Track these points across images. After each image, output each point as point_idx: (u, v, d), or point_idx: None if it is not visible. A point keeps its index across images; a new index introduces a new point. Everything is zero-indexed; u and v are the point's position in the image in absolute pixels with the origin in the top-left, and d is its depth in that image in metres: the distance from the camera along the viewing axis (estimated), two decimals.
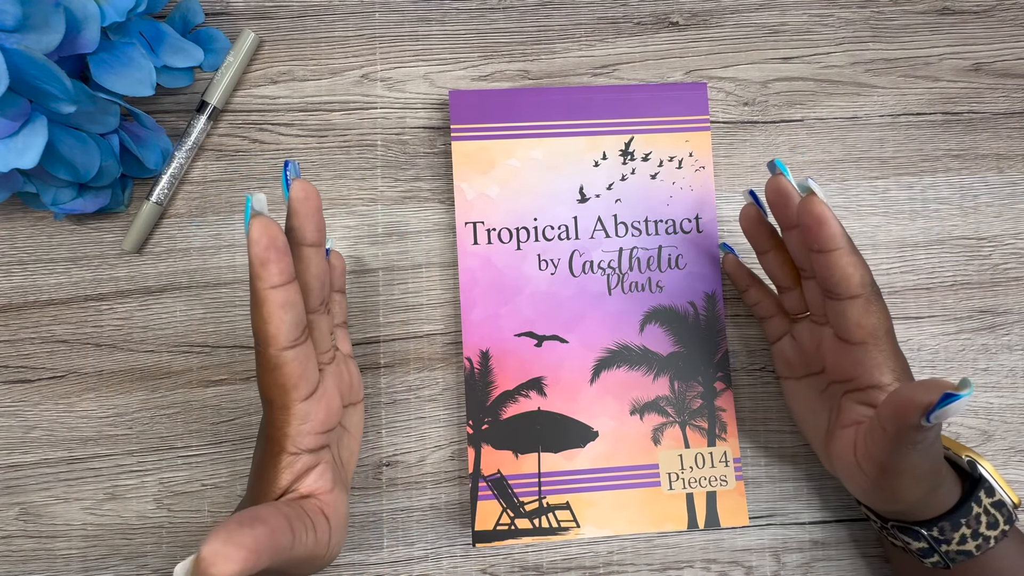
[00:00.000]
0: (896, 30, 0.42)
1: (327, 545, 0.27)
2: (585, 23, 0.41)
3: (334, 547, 0.28)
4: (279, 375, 0.26)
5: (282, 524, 0.24)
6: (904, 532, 0.32)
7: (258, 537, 0.21)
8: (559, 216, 0.38)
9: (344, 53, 0.40)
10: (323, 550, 0.27)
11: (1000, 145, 0.41)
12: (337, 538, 0.28)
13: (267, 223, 0.24)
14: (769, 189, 0.31)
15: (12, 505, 0.37)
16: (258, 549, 0.21)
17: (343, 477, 0.31)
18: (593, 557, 0.38)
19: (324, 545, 0.27)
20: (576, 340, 0.37)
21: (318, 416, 0.27)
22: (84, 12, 0.31)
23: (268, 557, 0.22)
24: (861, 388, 0.30)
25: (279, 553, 0.23)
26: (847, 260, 0.29)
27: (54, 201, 0.35)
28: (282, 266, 0.24)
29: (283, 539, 0.23)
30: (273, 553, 0.22)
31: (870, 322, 0.29)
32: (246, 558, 0.21)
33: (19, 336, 0.38)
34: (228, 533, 0.21)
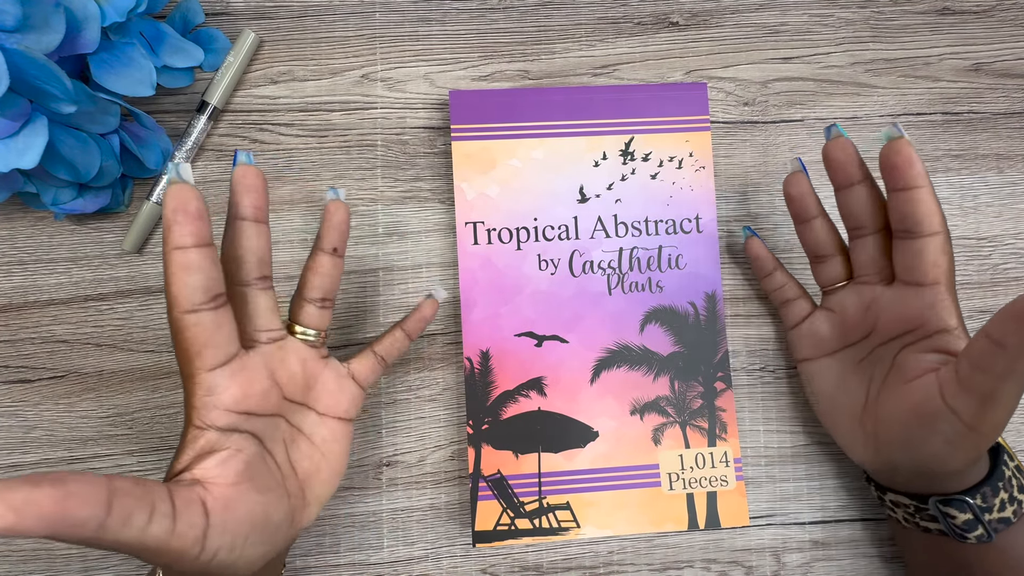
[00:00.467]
0: (896, 30, 0.42)
1: (198, 543, 0.23)
2: (585, 23, 0.41)
3: (220, 551, 0.24)
4: (181, 339, 0.25)
5: (90, 496, 0.20)
6: (948, 505, 0.31)
7: (35, 500, 0.19)
8: (559, 216, 0.38)
9: (344, 53, 0.40)
10: (189, 546, 0.23)
11: (1000, 145, 0.41)
12: (223, 541, 0.24)
13: (181, 188, 0.24)
14: (836, 148, 0.32)
15: None
16: (28, 512, 0.19)
17: (284, 484, 0.28)
18: (593, 557, 0.38)
19: (191, 542, 0.23)
20: (576, 340, 0.37)
21: (230, 391, 0.26)
22: (84, 12, 0.31)
23: (44, 525, 0.19)
24: (928, 335, 0.30)
25: (70, 525, 0.20)
26: (932, 197, 0.30)
27: (54, 201, 0.35)
28: (190, 229, 0.24)
29: (80, 511, 0.20)
30: (55, 523, 0.19)
31: (946, 261, 0.30)
32: (3, 515, 0.19)
33: (19, 336, 0.38)
34: (5, 487, 0.19)
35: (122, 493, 0.21)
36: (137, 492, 0.22)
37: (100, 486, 0.21)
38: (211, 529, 0.24)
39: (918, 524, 0.34)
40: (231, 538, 0.25)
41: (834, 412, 0.34)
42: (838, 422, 0.34)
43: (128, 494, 0.22)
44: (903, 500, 0.34)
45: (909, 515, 0.34)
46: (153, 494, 0.23)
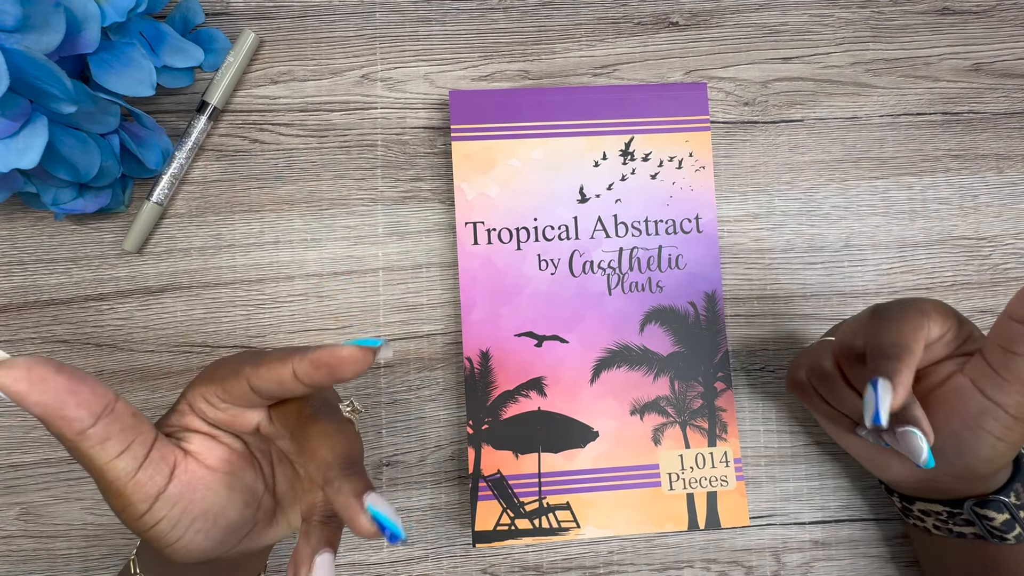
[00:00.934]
0: (896, 30, 0.42)
1: (148, 501, 0.23)
2: (585, 23, 0.41)
3: (163, 522, 0.24)
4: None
5: (90, 402, 0.22)
6: (985, 507, 0.31)
7: (51, 383, 0.21)
8: (559, 216, 0.38)
9: (344, 53, 0.40)
10: (138, 500, 0.23)
11: (1000, 145, 0.41)
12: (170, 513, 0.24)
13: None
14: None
15: (12, 505, 0.37)
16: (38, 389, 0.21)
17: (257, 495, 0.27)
18: (593, 557, 0.38)
19: (142, 497, 0.23)
20: (576, 340, 0.37)
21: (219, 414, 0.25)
22: (84, 12, 0.31)
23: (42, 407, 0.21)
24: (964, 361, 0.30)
25: (59, 417, 0.21)
26: None
27: (54, 201, 0.35)
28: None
29: (74, 411, 0.21)
30: (51, 409, 0.21)
31: None
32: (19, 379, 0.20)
33: (19, 336, 0.38)
34: (36, 361, 0.21)
35: (114, 417, 0.23)
36: (126, 422, 0.23)
37: (103, 398, 0.22)
38: (165, 494, 0.24)
39: (951, 530, 0.33)
40: (178, 514, 0.24)
41: (869, 452, 0.33)
42: (873, 452, 0.33)
43: (118, 420, 0.23)
44: (934, 508, 0.33)
45: (941, 522, 0.33)
46: (138, 432, 0.23)
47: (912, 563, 0.39)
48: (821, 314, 0.40)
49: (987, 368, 0.27)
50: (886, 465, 0.32)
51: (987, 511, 0.31)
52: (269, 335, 0.38)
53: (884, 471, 0.33)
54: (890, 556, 0.39)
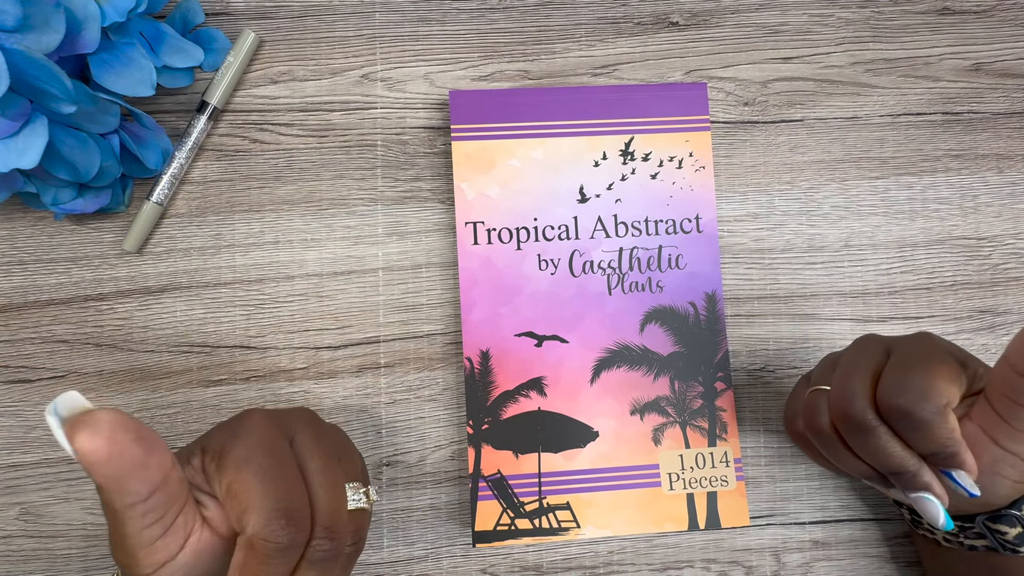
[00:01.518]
0: (896, 30, 0.42)
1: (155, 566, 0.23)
2: (585, 23, 0.41)
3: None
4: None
5: (152, 477, 0.21)
6: (997, 522, 0.30)
7: (128, 454, 0.20)
8: (559, 216, 0.38)
9: (344, 53, 0.40)
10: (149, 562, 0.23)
11: (1000, 145, 0.41)
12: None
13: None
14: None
15: (12, 505, 0.37)
16: (115, 461, 0.19)
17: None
18: (593, 557, 0.38)
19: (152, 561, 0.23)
20: (576, 340, 0.37)
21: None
22: (84, 12, 0.31)
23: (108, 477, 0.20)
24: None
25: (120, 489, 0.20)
26: None
27: (54, 201, 0.35)
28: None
29: (137, 485, 0.20)
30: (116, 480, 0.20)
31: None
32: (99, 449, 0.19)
33: (19, 336, 0.38)
34: (119, 425, 0.19)
35: (167, 486, 0.22)
36: (173, 491, 0.22)
37: (165, 468, 0.21)
38: (173, 563, 0.24)
39: (962, 543, 0.32)
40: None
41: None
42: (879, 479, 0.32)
43: (168, 490, 0.22)
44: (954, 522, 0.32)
45: (952, 535, 0.33)
46: (176, 501, 0.23)
47: (912, 563, 0.39)
48: (821, 314, 0.40)
49: (996, 417, 0.27)
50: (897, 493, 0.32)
51: (1000, 526, 0.30)
52: (269, 335, 0.38)
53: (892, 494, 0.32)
54: (890, 556, 0.39)
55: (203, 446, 0.25)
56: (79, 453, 0.19)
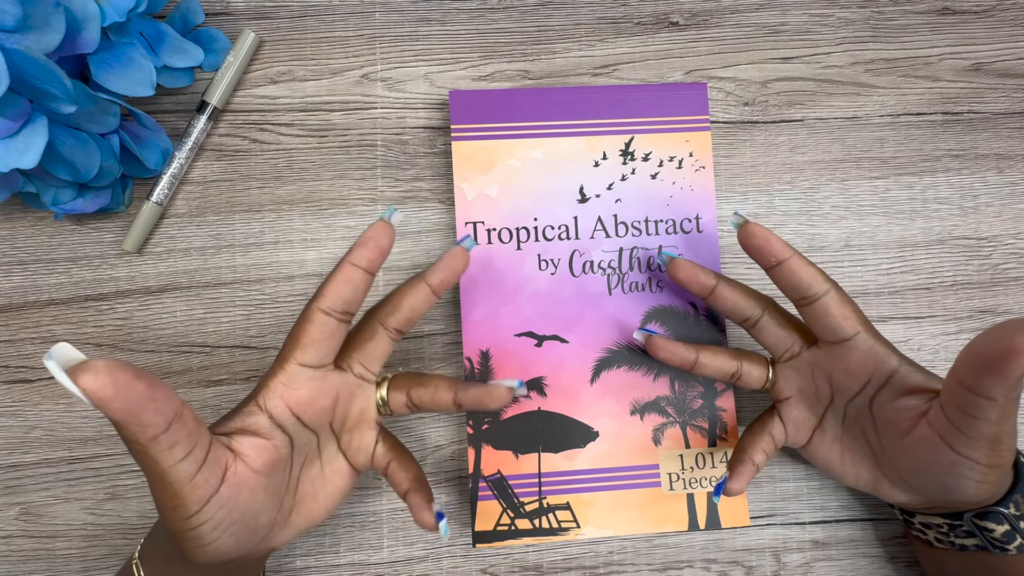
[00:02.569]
0: (896, 30, 0.42)
1: (201, 502, 0.25)
2: (585, 23, 0.41)
3: (207, 524, 0.25)
4: (301, 328, 0.28)
5: (167, 407, 0.23)
6: (984, 519, 0.31)
7: (134, 388, 0.22)
8: (559, 216, 0.38)
9: (344, 53, 0.40)
10: (194, 500, 0.24)
11: (1000, 145, 0.41)
12: (216, 515, 0.25)
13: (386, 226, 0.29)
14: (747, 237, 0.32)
15: (12, 505, 0.37)
16: (122, 395, 0.21)
17: (282, 496, 0.29)
18: (593, 557, 0.38)
19: (197, 498, 0.24)
20: (576, 340, 0.37)
21: (301, 391, 0.28)
22: (84, 12, 0.31)
23: (124, 412, 0.21)
24: (884, 382, 0.30)
25: (138, 423, 0.22)
26: (804, 262, 0.31)
27: (54, 201, 0.35)
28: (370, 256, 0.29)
29: (153, 416, 0.22)
30: (132, 414, 0.22)
31: (852, 310, 0.31)
32: (104, 385, 0.21)
33: (19, 336, 0.38)
34: (116, 366, 0.21)
35: (183, 420, 0.24)
36: (191, 426, 0.24)
37: (175, 403, 0.23)
38: (216, 497, 0.25)
39: (953, 543, 0.33)
40: (223, 516, 0.26)
41: (855, 475, 0.33)
42: (862, 480, 0.33)
43: (185, 424, 0.24)
44: (935, 521, 0.33)
45: (943, 535, 0.33)
46: (199, 436, 0.25)
47: (911, 563, 0.39)
48: None
49: (950, 425, 0.28)
50: (885, 489, 0.32)
51: (987, 523, 0.31)
52: (269, 335, 0.38)
53: (881, 495, 0.33)
54: (890, 556, 0.39)
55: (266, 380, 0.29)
56: (87, 392, 0.21)
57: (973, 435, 0.27)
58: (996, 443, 0.27)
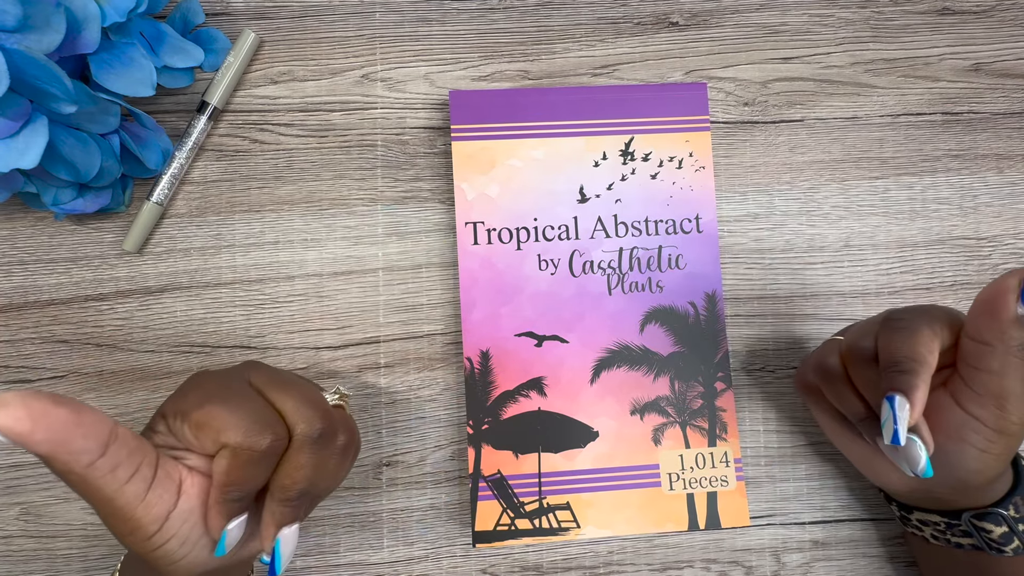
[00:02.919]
0: (896, 30, 0.42)
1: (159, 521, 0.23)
2: (585, 23, 0.41)
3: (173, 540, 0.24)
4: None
5: (97, 431, 0.21)
6: (983, 519, 0.31)
7: (53, 415, 0.20)
8: (559, 216, 0.38)
9: (344, 53, 0.40)
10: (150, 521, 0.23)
11: (1000, 145, 0.41)
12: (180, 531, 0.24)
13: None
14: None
15: (12, 505, 0.37)
16: (42, 425, 0.20)
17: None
18: (593, 557, 0.38)
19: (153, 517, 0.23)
20: (576, 340, 0.37)
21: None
22: (85, 12, 0.31)
23: (50, 443, 0.20)
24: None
25: (68, 451, 0.21)
26: None
27: (54, 201, 0.35)
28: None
29: (83, 442, 0.21)
30: (59, 444, 0.20)
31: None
32: (20, 419, 0.19)
33: (19, 336, 0.38)
34: (30, 395, 0.20)
35: (121, 441, 0.22)
36: (132, 445, 0.23)
37: (106, 425, 0.22)
38: (176, 513, 0.24)
39: (948, 541, 0.33)
40: (188, 530, 0.25)
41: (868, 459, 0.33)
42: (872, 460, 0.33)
43: (125, 444, 0.22)
44: (932, 518, 0.33)
45: (939, 532, 0.33)
46: (143, 454, 0.23)
47: (911, 563, 0.39)
48: (821, 314, 0.40)
49: (962, 383, 0.28)
50: (884, 473, 0.32)
51: (985, 523, 0.31)
52: (269, 335, 0.38)
53: (882, 478, 0.33)
54: (890, 556, 0.39)
55: (162, 412, 0.26)
56: (3, 431, 0.19)
57: (980, 390, 0.27)
58: (1003, 401, 0.27)
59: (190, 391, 0.26)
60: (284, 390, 0.26)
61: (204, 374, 0.27)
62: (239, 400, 0.25)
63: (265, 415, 0.25)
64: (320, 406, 0.26)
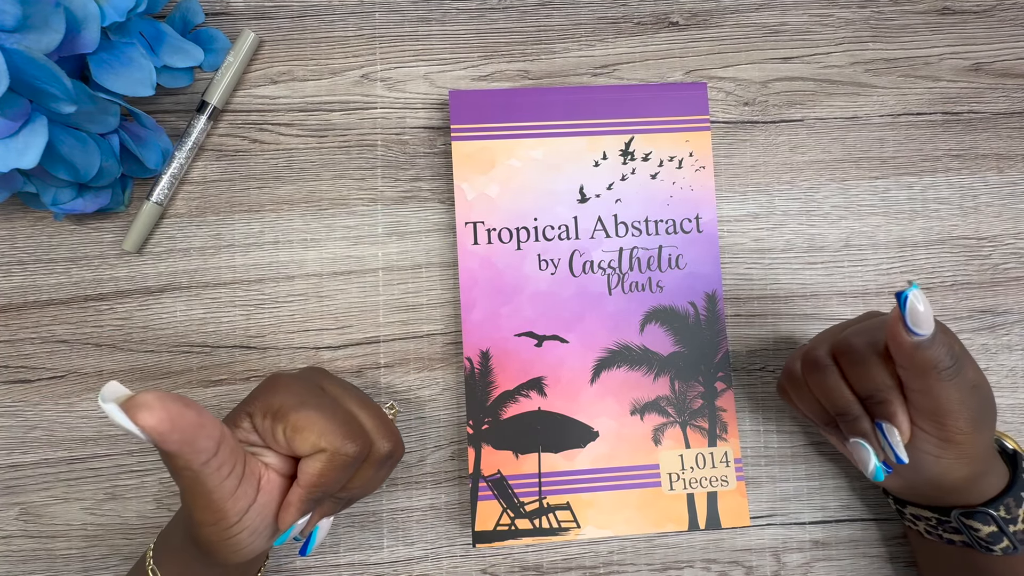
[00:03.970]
0: (896, 30, 0.42)
1: (241, 513, 0.26)
2: (585, 23, 0.41)
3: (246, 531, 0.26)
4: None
5: (214, 431, 0.23)
6: (971, 518, 0.31)
7: (186, 417, 0.22)
8: (559, 216, 0.38)
9: (344, 53, 0.40)
10: (235, 512, 0.25)
11: (1000, 145, 0.41)
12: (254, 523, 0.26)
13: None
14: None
15: (12, 505, 0.37)
16: (177, 425, 0.22)
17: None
18: (593, 557, 0.38)
19: (238, 510, 0.25)
20: (576, 340, 0.37)
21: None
22: (84, 12, 0.31)
23: (180, 442, 0.22)
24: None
25: (194, 450, 0.23)
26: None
27: (54, 201, 0.35)
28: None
29: (206, 442, 0.23)
30: (186, 443, 0.22)
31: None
32: (162, 420, 0.21)
33: (19, 336, 0.38)
34: (166, 397, 0.22)
35: (227, 439, 0.24)
36: (232, 444, 0.25)
37: (219, 426, 0.24)
38: (255, 506, 0.26)
39: (941, 536, 0.33)
40: (260, 523, 0.27)
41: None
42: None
43: (228, 443, 0.24)
44: (924, 513, 0.33)
45: (931, 527, 0.34)
46: (239, 453, 0.25)
47: (912, 563, 0.39)
48: (821, 314, 0.40)
49: (909, 400, 0.29)
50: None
51: (973, 522, 0.31)
52: (269, 335, 0.38)
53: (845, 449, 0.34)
54: (890, 556, 0.39)
55: (248, 411, 0.28)
56: (147, 431, 0.21)
57: (916, 407, 0.28)
58: (938, 416, 0.28)
59: (278, 393, 0.28)
60: (362, 406, 0.29)
61: (285, 376, 0.29)
62: (333, 408, 0.28)
63: (357, 425, 0.28)
64: (391, 427, 0.29)
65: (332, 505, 0.29)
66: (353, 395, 0.30)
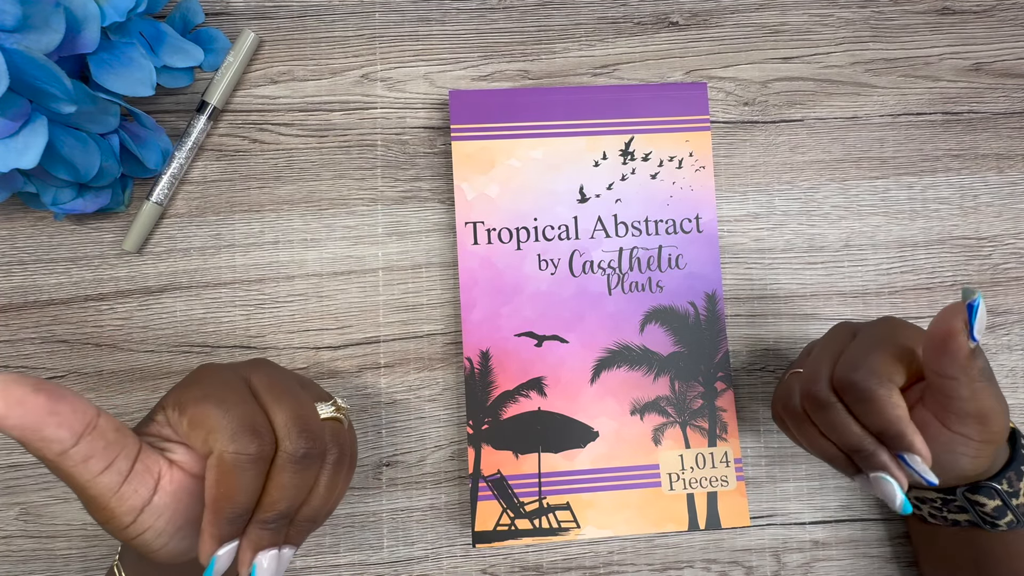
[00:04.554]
0: (896, 30, 0.42)
1: (133, 513, 0.24)
2: (585, 23, 0.41)
3: (149, 532, 0.24)
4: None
5: (71, 421, 0.22)
6: (976, 493, 0.31)
7: (29, 403, 0.21)
8: (559, 216, 0.38)
9: (344, 53, 0.40)
10: (123, 512, 0.23)
11: (1000, 145, 0.41)
12: (156, 524, 0.24)
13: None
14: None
15: (12, 505, 0.37)
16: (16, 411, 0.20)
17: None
18: (593, 557, 0.38)
19: (127, 509, 0.23)
20: (576, 340, 0.37)
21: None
22: (84, 12, 0.31)
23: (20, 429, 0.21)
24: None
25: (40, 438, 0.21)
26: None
27: (54, 201, 0.35)
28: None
29: (55, 431, 0.21)
30: (30, 430, 0.21)
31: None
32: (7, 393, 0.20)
33: (19, 336, 0.38)
34: (12, 380, 0.21)
35: (97, 434, 0.22)
36: (109, 438, 0.23)
37: (85, 416, 0.22)
38: (150, 507, 0.24)
39: (945, 518, 0.34)
40: (164, 524, 0.25)
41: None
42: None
43: (101, 437, 0.23)
44: (929, 495, 0.34)
45: (936, 509, 0.34)
46: (122, 447, 0.23)
47: (912, 563, 0.39)
48: (821, 314, 0.40)
49: (941, 408, 0.28)
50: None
51: (978, 497, 0.31)
52: (269, 335, 0.38)
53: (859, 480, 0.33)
54: (890, 556, 0.39)
55: (162, 404, 0.26)
56: None
57: (959, 413, 0.28)
58: (983, 419, 0.28)
59: (192, 384, 0.26)
60: (277, 400, 0.26)
61: (209, 368, 0.27)
62: (234, 402, 0.25)
63: (255, 421, 0.24)
64: (308, 425, 0.25)
65: (261, 533, 0.24)
66: (274, 391, 0.26)
